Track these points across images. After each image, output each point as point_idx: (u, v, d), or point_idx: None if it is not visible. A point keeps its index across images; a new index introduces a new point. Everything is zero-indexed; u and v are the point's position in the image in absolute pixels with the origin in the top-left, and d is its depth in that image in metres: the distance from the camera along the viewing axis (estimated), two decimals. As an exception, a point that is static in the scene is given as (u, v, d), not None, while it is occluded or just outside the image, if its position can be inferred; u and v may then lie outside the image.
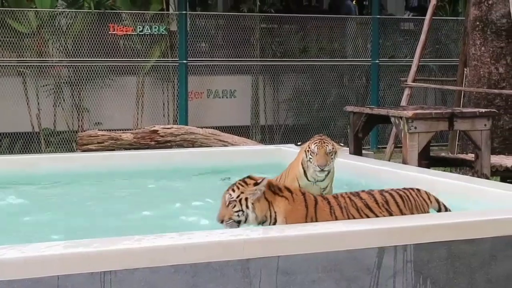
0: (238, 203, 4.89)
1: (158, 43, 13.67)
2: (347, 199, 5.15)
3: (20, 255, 4.19)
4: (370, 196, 5.19)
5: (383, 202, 5.17)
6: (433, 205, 5.39)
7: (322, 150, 6.39)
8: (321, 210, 5.02)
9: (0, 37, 12.86)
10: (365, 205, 5.13)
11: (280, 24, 14.78)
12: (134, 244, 4.38)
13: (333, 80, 14.87)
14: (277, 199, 4.94)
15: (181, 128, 10.77)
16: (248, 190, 4.89)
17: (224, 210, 4.91)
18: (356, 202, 5.13)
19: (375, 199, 5.17)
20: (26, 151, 12.55)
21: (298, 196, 5.01)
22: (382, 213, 5.12)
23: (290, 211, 4.93)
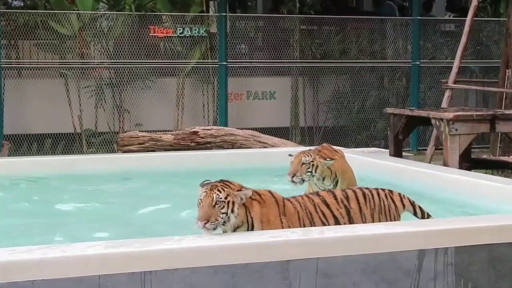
0: (226, 204, 4.69)
1: (198, 45, 13.72)
2: (305, 197, 5.16)
3: (62, 254, 4.23)
4: (330, 193, 5.20)
5: (342, 198, 5.15)
6: (407, 208, 5.30)
7: (297, 159, 6.35)
8: (288, 206, 4.99)
9: (43, 40, 13.01)
10: (322, 201, 5.12)
11: (320, 26, 14.74)
12: (174, 245, 4.40)
13: (373, 82, 14.80)
14: (252, 204, 4.82)
15: (221, 130, 10.80)
16: (235, 193, 4.74)
17: (210, 210, 4.65)
18: (313, 199, 5.13)
19: (334, 196, 5.16)
20: (68, 152, 12.67)
21: (267, 196, 4.93)
22: (339, 210, 5.10)
23: (265, 214, 4.85)
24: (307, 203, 5.09)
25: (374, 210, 5.16)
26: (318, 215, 5.07)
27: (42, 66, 13.20)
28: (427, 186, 7.37)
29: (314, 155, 6.41)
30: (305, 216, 5.03)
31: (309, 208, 5.07)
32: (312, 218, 5.05)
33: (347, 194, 5.20)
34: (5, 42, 12.89)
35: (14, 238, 5.88)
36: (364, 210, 5.13)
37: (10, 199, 7.68)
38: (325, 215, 5.09)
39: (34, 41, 13.08)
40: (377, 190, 5.27)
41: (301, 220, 5.00)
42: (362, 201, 5.17)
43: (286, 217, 4.93)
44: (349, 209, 5.12)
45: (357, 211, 5.12)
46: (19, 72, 13.21)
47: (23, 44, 13.14)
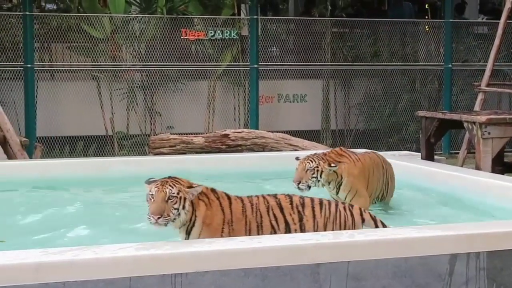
0: (178, 200, 4.70)
1: (229, 48, 13.74)
2: (260, 198, 5.08)
3: (93, 256, 4.26)
4: (287, 197, 5.11)
5: (298, 204, 5.06)
6: (367, 223, 5.19)
7: (301, 166, 6.35)
8: (235, 210, 4.94)
9: (76, 42, 13.11)
10: (277, 204, 5.04)
11: (352, 28, 14.70)
12: (204, 247, 4.41)
13: (404, 85, 14.73)
14: (199, 204, 4.82)
15: (251, 132, 10.81)
16: (185, 189, 4.74)
17: (163, 205, 4.66)
18: (268, 201, 5.05)
19: (290, 200, 5.08)
20: (100, 154, 12.75)
21: (214, 201, 4.89)
22: (292, 215, 5.01)
23: (208, 216, 4.82)
24: (260, 205, 5.02)
25: (328, 219, 5.07)
26: (269, 218, 4.99)
27: (75, 68, 13.30)
28: (459, 190, 7.32)
29: (318, 160, 6.41)
30: (253, 220, 4.96)
31: (260, 211, 4.99)
32: (261, 221, 4.97)
33: (303, 200, 5.11)
34: (39, 45, 13.00)
35: (49, 239, 5.92)
36: (318, 218, 5.04)
37: (43, 200, 7.74)
38: (277, 218, 5.01)
39: (67, 44, 13.18)
40: (337, 203, 5.21)
41: (247, 225, 4.93)
42: (317, 209, 5.08)
43: (231, 225, 4.86)
44: (302, 215, 5.03)
45: (310, 218, 5.03)
46: (52, 74, 13.32)
47: (56, 47, 13.24)
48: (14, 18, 12.88)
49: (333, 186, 6.55)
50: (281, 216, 5.01)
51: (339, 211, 5.14)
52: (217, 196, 4.95)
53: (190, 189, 4.76)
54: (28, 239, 5.89)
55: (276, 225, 4.99)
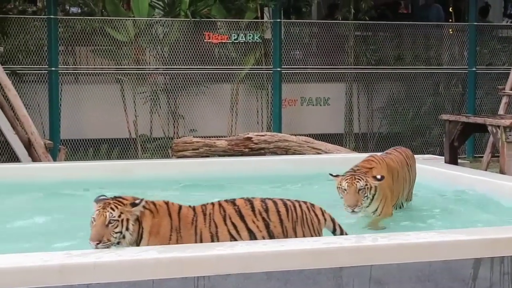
0: (120, 223, 4.56)
1: (252, 51, 13.75)
2: (216, 206, 4.84)
3: (116, 258, 4.28)
4: (247, 203, 4.86)
5: (261, 210, 4.82)
6: (327, 224, 5.01)
7: (352, 188, 5.92)
8: (184, 218, 4.75)
9: (100, 46, 13.17)
10: (236, 212, 4.79)
11: (375, 32, 14.67)
12: (227, 250, 4.42)
13: (428, 88, 14.66)
14: (144, 213, 4.67)
15: (274, 136, 10.81)
16: (127, 210, 4.60)
17: (102, 230, 4.52)
18: (225, 209, 4.81)
19: (252, 206, 4.83)
20: (123, 157, 12.79)
21: (162, 207, 4.74)
22: (256, 222, 4.79)
23: (155, 225, 4.67)
24: (215, 214, 4.79)
25: (296, 223, 4.86)
26: (227, 227, 4.77)
27: (99, 72, 13.36)
28: (483, 194, 7.28)
29: (365, 177, 6.03)
30: (205, 230, 4.74)
31: (215, 220, 4.77)
32: (216, 231, 4.76)
33: (266, 205, 4.87)
34: (63, 48, 13.07)
35: (72, 241, 5.96)
36: (286, 223, 4.83)
37: (66, 203, 7.79)
38: (237, 228, 4.78)
39: (90, 47, 13.24)
40: (299, 202, 4.97)
41: (197, 235, 4.73)
42: (284, 213, 4.85)
43: (179, 232, 4.70)
44: (268, 222, 4.81)
45: (278, 224, 4.81)
46: (76, 78, 13.39)
47: (80, 50, 13.31)
48: (38, 22, 12.96)
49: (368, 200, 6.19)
50: (242, 224, 4.79)
51: (305, 212, 4.93)
52: (166, 201, 4.80)
53: (134, 208, 4.61)
54: (52, 241, 5.92)
55: (236, 234, 4.77)
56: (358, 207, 5.89)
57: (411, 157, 7.14)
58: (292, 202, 4.95)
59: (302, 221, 4.89)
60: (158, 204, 4.75)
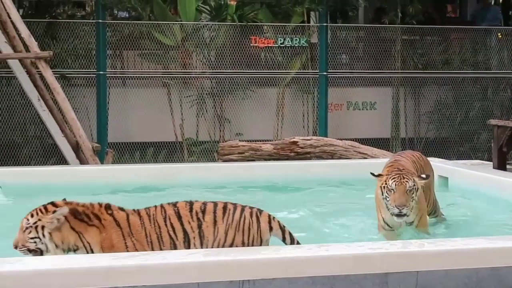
0: (34, 230, 4.60)
1: (298, 55, 13.74)
2: (159, 208, 4.83)
3: (162, 261, 4.30)
4: (187, 205, 4.83)
5: (198, 211, 4.77)
6: (274, 232, 4.83)
7: (401, 188, 5.60)
8: (133, 223, 4.74)
9: (147, 50, 13.27)
10: (175, 213, 4.77)
11: (422, 36, 14.55)
12: (272, 254, 4.42)
13: (476, 93, 14.50)
14: (88, 230, 4.65)
15: (320, 140, 10.78)
16: (45, 218, 4.61)
17: (20, 235, 4.63)
18: (166, 210, 4.79)
19: (190, 207, 4.80)
20: (170, 160, 12.86)
21: (107, 220, 4.71)
22: (191, 223, 4.73)
23: (105, 239, 4.64)
24: (157, 216, 4.79)
25: (230, 226, 4.74)
26: (167, 228, 4.75)
27: (146, 75, 13.46)
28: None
29: (412, 176, 5.74)
30: (152, 231, 4.75)
31: (158, 221, 4.77)
32: (160, 232, 4.75)
33: (205, 206, 4.82)
34: (111, 52, 13.20)
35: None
36: (219, 224, 4.74)
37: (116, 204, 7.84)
38: (174, 228, 4.76)
39: (138, 51, 13.36)
40: (243, 207, 4.85)
41: (148, 236, 4.73)
42: (219, 215, 4.77)
43: (133, 236, 4.70)
44: (201, 222, 4.75)
45: (211, 224, 4.74)
46: (123, 81, 13.51)
47: (127, 54, 13.43)
48: (87, 26, 13.12)
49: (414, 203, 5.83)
50: (179, 225, 4.76)
51: (244, 217, 4.79)
52: (111, 212, 4.77)
53: (54, 214, 4.61)
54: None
55: (174, 235, 4.74)
56: (406, 208, 5.60)
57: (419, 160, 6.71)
58: (235, 206, 4.85)
59: (238, 226, 4.76)
60: (103, 218, 4.73)
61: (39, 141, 12.29)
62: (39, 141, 12.29)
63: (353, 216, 7.03)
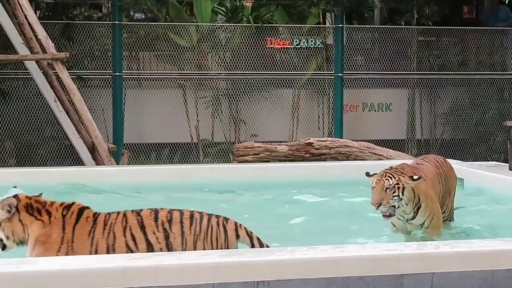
0: None
1: (314, 56, 13.73)
2: (121, 216, 4.72)
3: (177, 262, 4.31)
4: (152, 213, 4.72)
5: (164, 221, 4.66)
6: (242, 239, 4.76)
7: (379, 185, 5.63)
8: (81, 228, 4.66)
9: (163, 51, 13.31)
10: (137, 223, 4.66)
11: (438, 37, 14.51)
12: (287, 256, 4.42)
13: (492, 94, 14.44)
14: (33, 223, 4.65)
15: (335, 141, 10.76)
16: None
17: None
18: (128, 219, 4.69)
19: (155, 217, 4.69)
20: (185, 161, 12.88)
21: (57, 218, 4.67)
22: (156, 234, 4.63)
23: (44, 234, 4.62)
24: (116, 225, 4.68)
25: (198, 236, 4.66)
26: (125, 239, 4.64)
27: (162, 77, 13.49)
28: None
29: (397, 175, 5.70)
30: (102, 241, 4.64)
31: (115, 231, 4.67)
32: (114, 243, 4.64)
33: (171, 216, 4.71)
34: (127, 53, 13.24)
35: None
36: (187, 235, 4.65)
37: (129, 206, 7.86)
38: (135, 239, 4.65)
39: (154, 52, 13.39)
40: (210, 216, 4.78)
41: (93, 246, 4.63)
42: (187, 225, 4.67)
43: (71, 244, 4.62)
44: (168, 233, 4.64)
45: (178, 235, 4.64)
46: (139, 82, 13.54)
47: (143, 55, 13.47)
48: (103, 28, 13.16)
49: (410, 209, 5.79)
50: (141, 235, 4.66)
51: (211, 226, 4.72)
52: (65, 214, 4.72)
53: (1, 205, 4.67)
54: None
55: (134, 246, 4.64)
56: (383, 206, 5.58)
57: (442, 165, 6.62)
58: (202, 215, 4.78)
59: (206, 236, 4.69)
60: (53, 216, 4.70)
61: (55, 142, 12.34)
62: (55, 142, 12.34)
63: (367, 217, 7.01)
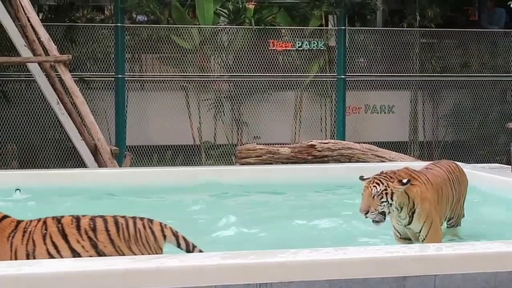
0: None
1: (316, 59, 13.73)
2: (40, 223, 4.60)
3: (179, 264, 4.31)
4: (74, 221, 4.62)
5: (87, 229, 4.58)
6: (169, 239, 4.72)
7: (366, 192, 5.55)
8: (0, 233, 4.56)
9: (165, 53, 13.31)
10: (58, 230, 4.57)
11: (440, 39, 14.50)
12: (289, 258, 4.42)
13: (495, 96, 14.43)
14: None
15: (338, 143, 10.77)
16: None
17: None
18: (48, 227, 4.58)
19: (77, 225, 4.59)
20: (187, 163, 12.88)
21: None
22: (81, 242, 4.55)
23: None
24: (35, 232, 4.58)
25: (129, 242, 4.62)
26: (46, 247, 4.55)
27: (164, 79, 13.50)
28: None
29: (386, 181, 5.60)
30: (21, 247, 4.55)
31: (34, 239, 4.57)
32: (33, 250, 4.55)
33: (95, 224, 4.63)
34: (129, 56, 13.25)
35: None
36: (118, 242, 4.59)
37: (131, 208, 7.88)
38: (58, 247, 4.56)
39: (156, 54, 13.40)
40: (134, 219, 4.73)
41: (12, 251, 4.55)
42: (114, 232, 4.61)
43: None
44: (96, 242, 4.58)
45: (108, 244, 4.58)
46: (141, 85, 13.55)
47: (146, 57, 13.48)
48: (106, 30, 13.18)
49: (405, 214, 5.69)
50: (64, 243, 4.57)
51: (139, 230, 4.67)
52: None
53: None
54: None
55: (56, 253, 4.56)
56: (370, 213, 5.49)
57: (455, 170, 6.51)
58: (126, 219, 4.72)
59: (136, 240, 4.65)
60: None
61: (58, 144, 12.35)
62: (58, 144, 12.35)
63: (370, 219, 7.00)
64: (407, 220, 5.72)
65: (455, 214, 6.57)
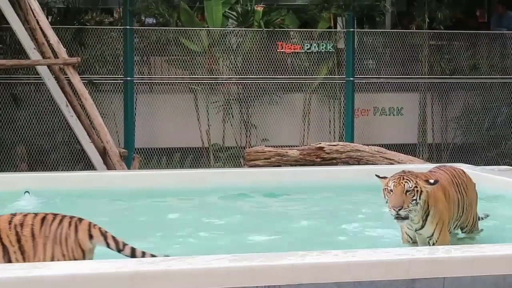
0: None
1: (325, 61, 13.73)
2: None
3: (187, 266, 4.31)
4: (9, 216, 4.67)
5: (17, 224, 4.61)
6: (96, 240, 4.69)
7: (399, 188, 5.42)
8: None
9: (174, 56, 13.32)
10: None
11: (450, 41, 14.47)
12: (298, 260, 4.41)
13: (504, 98, 14.40)
14: None
15: (347, 145, 10.75)
16: None
17: None
18: None
19: (10, 219, 4.65)
20: (196, 166, 12.89)
21: None
22: (9, 237, 4.57)
23: None
24: None
25: (47, 238, 4.60)
26: None
27: (173, 81, 13.51)
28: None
29: (415, 178, 5.50)
30: None
31: None
32: None
33: (24, 218, 4.67)
34: (138, 58, 13.27)
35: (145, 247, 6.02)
36: (38, 238, 4.59)
37: (140, 210, 7.89)
38: None
39: (165, 57, 13.41)
40: (63, 217, 4.70)
41: None
42: (37, 227, 4.61)
43: None
44: (20, 236, 4.59)
45: (29, 238, 4.59)
46: (150, 87, 13.57)
47: (154, 60, 13.50)
48: (115, 32, 13.20)
49: (419, 218, 5.56)
50: None
51: (62, 227, 4.65)
52: None
53: None
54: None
55: None
56: (403, 210, 5.36)
57: (460, 175, 6.38)
58: (55, 217, 4.70)
59: (55, 237, 4.62)
60: None
61: (67, 146, 12.37)
62: (67, 146, 12.37)
63: (378, 221, 7.00)
64: (420, 224, 5.61)
65: (468, 222, 6.41)
